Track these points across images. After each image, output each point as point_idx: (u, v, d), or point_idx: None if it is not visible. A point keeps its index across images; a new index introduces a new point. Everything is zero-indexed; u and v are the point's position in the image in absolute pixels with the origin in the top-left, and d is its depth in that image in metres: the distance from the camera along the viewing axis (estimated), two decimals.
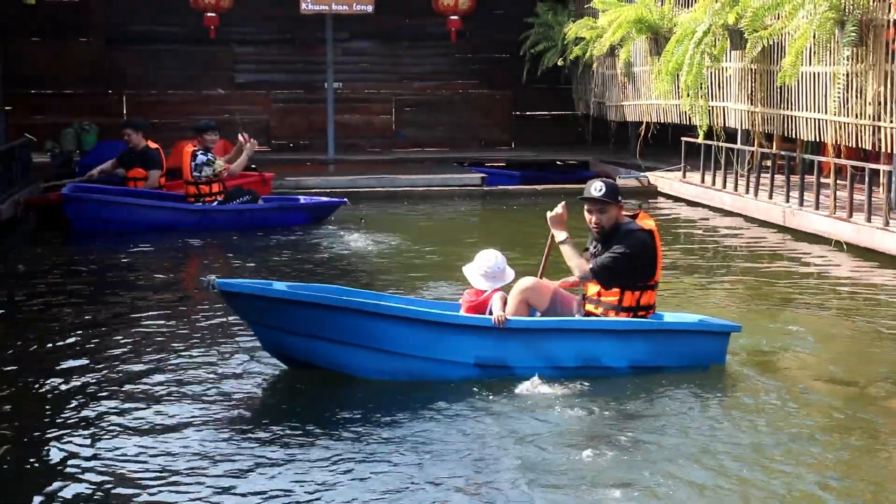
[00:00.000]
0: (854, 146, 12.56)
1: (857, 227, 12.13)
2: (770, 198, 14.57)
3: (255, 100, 23.68)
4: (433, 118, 24.34)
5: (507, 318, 6.91)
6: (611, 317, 7.12)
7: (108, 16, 22.78)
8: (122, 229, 13.29)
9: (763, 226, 14.18)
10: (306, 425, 6.18)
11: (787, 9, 12.41)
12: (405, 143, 24.09)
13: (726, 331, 7.38)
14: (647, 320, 7.18)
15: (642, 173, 18.62)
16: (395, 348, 6.87)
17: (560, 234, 7.22)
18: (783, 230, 13.70)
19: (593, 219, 7.13)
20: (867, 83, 11.87)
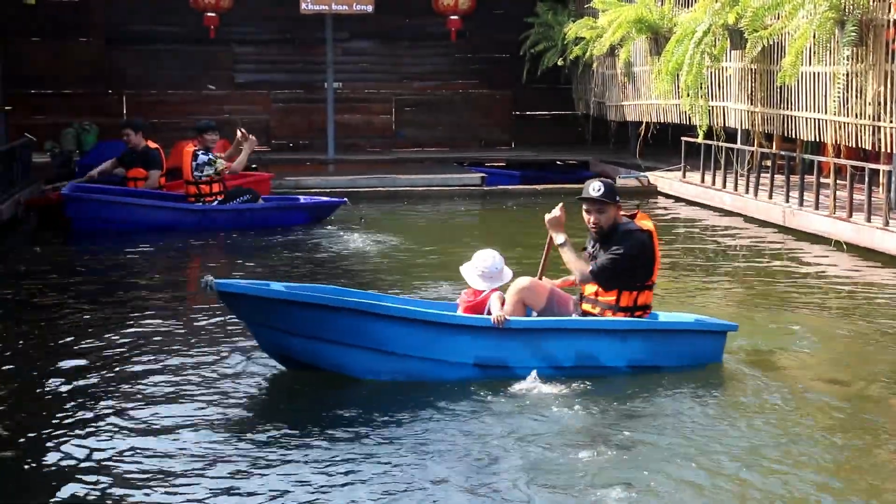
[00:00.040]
0: (854, 146, 12.56)
1: (856, 226, 12.14)
2: (770, 198, 14.57)
3: (254, 100, 23.69)
4: (433, 118, 24.35)
5: (506, 318, 6.91)
6: (608, 316, 7.13)
7: (108, 16, 22.79)
8: (122, 229, 13.29)
9: (763, 226, 14.18)
10: (305, 426, 6.18)
11: (787, 8, 12.41)
12: (405, 143, 24.09)
13: (723, 330, 7.41)
14: (646, 320, 7.20)
15: (642, 173, 18.62)
16: (394, 349, 6.86)
17: (559, 238, 7.20)
18: (783, 230, 13.70)
19: (592, 219, 7.14)
20: (867, 83, 11.87)
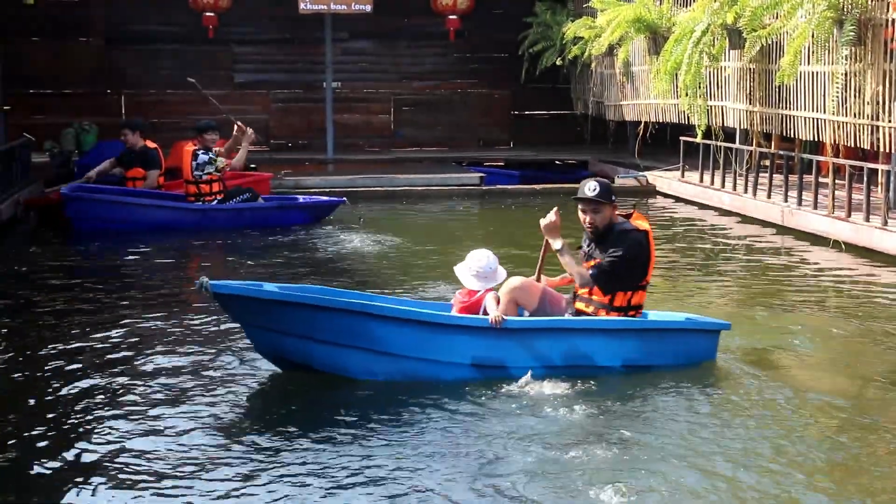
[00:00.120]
0: (852, 145, 12.57)
1: (855, 226, 12.15)
2: (769, 197, 14.58)
3: (254, 100, 23.69)
4: (432, 118, 24.35)
5: (503, 317, 6.92)
6: (602, 316, 7.13)
7: (108, 16, 22.79)
8: (122, 229, 13.31)
9: (761, 225, 14.19)
10: (301, 428, 6.17)
11: (786, 8, 12.42)
12: (404, 143, 24.08)
13: (716, 328, 7.42)
14: (639, 319, 7.21)
15: (641, 173, 18.63)
16: (390, 349, 6.86)
17: (556, 243, 7.16)
18: (782, 230, 13.71)
19: (587, 219, 7.13)
20: (866, 82, 11.88)
